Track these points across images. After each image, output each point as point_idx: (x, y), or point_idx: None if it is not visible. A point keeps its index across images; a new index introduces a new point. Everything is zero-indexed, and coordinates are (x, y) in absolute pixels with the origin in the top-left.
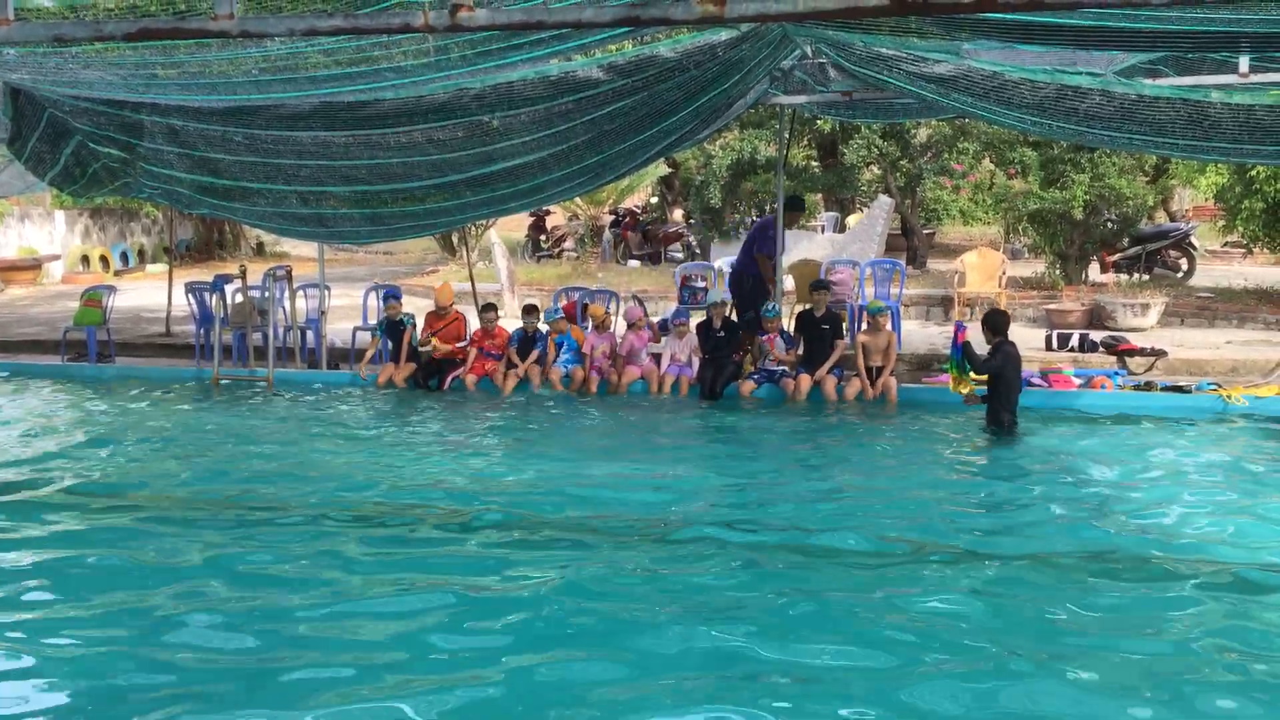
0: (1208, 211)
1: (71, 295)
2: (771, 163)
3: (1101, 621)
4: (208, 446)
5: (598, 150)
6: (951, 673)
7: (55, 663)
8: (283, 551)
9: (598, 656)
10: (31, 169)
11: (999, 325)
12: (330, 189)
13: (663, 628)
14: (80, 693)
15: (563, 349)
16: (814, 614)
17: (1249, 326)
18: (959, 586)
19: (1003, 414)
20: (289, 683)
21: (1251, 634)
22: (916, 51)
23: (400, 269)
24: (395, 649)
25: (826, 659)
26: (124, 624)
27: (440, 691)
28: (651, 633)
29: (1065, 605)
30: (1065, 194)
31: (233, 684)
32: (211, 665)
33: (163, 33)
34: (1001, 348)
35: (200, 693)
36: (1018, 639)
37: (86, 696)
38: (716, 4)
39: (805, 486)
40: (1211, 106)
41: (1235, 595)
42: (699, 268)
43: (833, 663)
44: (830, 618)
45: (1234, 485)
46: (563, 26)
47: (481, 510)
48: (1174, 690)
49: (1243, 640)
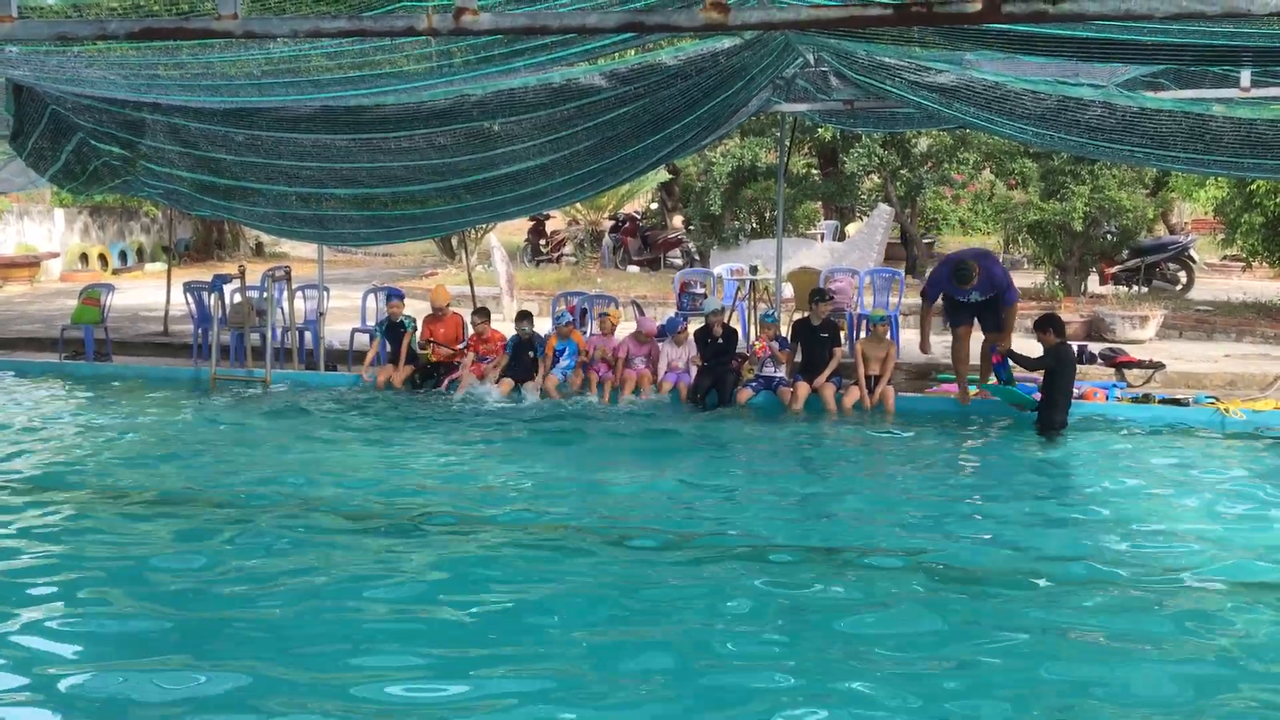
0: (1207, 225)
1: (69, 293)
2: (772, 170)
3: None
4: (202, 446)
5: (599, 156)
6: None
7: (45, 660)
8: (271, 550)
9: (575, 670)
10: (32, 165)
11: (1061, 327)
12: (331, 190)
13: (647, 638)
14: (77, 694)
15: (563, 354)
16: (796, 623)
17: (1247, 340)
18: (947, 597)
19: (1055, 415)
20: (270, 681)
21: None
22: (919, 61)
23: (399, 271)
24: (382, 652)
25: (812, 670)
26: (112, 620)
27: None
28: (637, 642)
29: (1052, 623)
30: (1065, 205)
31: (226, 685)
32: (203, 665)
33: (166, 32)
34: (1059, 350)
35: (197, 697)
36: (1000, 652)
37: (83, 698)
38: (720, 11)
39: (798, 494)
40: (1213, 120)
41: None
42: (698, 274)
43: (818, 678)
44: (820, 628)
45: (1229, 498)
46: (567, 31)
47: (470, 511)
48: None
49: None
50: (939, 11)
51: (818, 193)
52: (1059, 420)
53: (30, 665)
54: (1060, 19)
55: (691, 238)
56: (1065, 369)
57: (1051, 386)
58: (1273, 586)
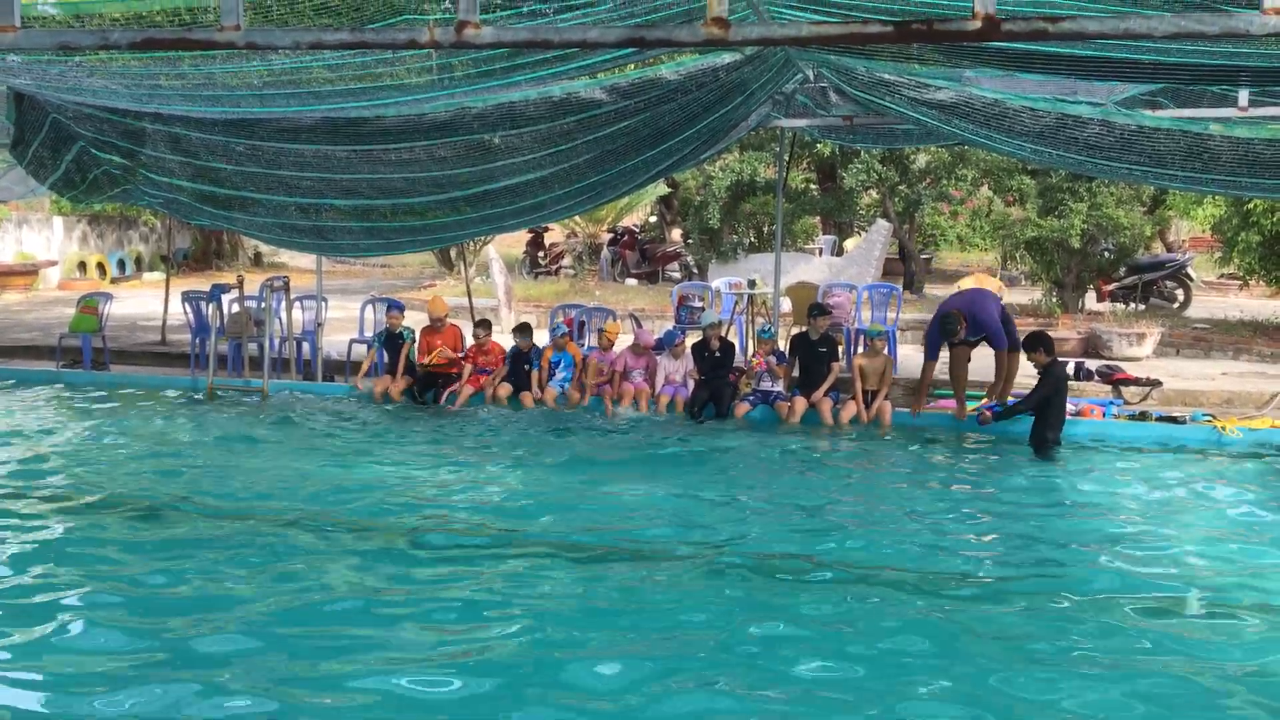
0: (1204, 243)
1: (67, 301)
2: (770, 185)
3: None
4: (197, 456)
5: (599, 170)
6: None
7: (26, 667)
8: (262, 561)
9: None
10: (32, 173)
11: (1050, 345)
12: (330, 201)
13: (636, 650)
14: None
15: (559, 367)
16: (786, 638)
17: (1244, 358)
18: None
19: (1048, 433)
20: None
21: None
22: (918, 77)
23: (398, 282)
24: (366, 661)
25: (794, 681)
26: (104, 628)
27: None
28: (624, 654)
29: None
30: (1063, 223)
31: (212, 696)
32: (184, 676)
33: (168, 43)
34: (1052, 370)
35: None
36: (986, 669)
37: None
38: (721, 27)
39: (792, 509)
40: (1211, 139)
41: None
42: (696, 288)
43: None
44: (806, 641)
45: (1226, 517)
46: (569, 46)
47: (466, 523)
48: None
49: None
50: (939, 29)
51: (816, 208)
52: (1052, 437)
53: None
54: (1060, 37)
55: (690, 251)
56: (1059, 388)
57: (1045, 404)
58: (1269, 608)
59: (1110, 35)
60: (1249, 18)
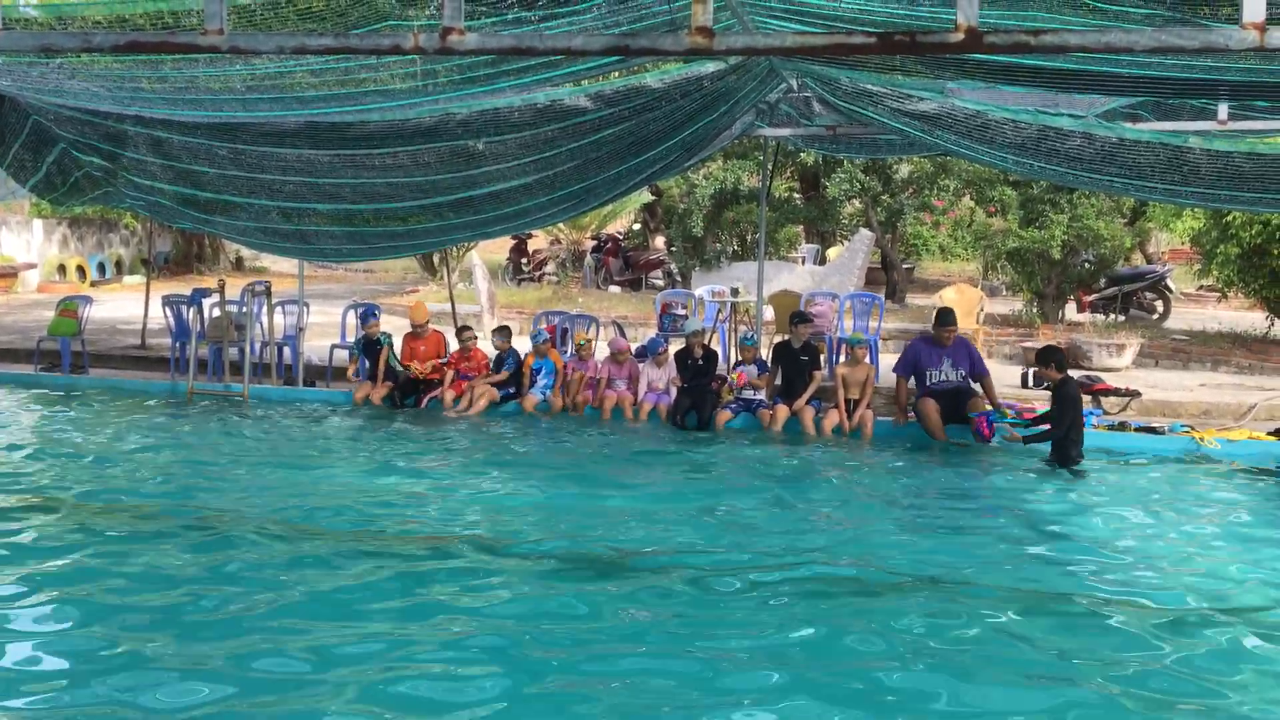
0: (1184, 255)
1: (47, 304)
2: (754, 193)
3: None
4: (175, 460)
5: (583, 177)
6: None
7: None
8: (239, 567)
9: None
10: (13, 175)
11: (1063, 362)
12: (313, 206)
13: (619, 659)
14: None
15: (540, 374)
16: (761, 647)
17: (1222, 370)
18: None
19: (1071, 450)
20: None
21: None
22: (901, 88)
23: (380, 288)
24: (345, 671)
25: (783, 692)
26: (77, 636)
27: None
28: (606, 663)
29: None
30: (1044, 234)
31: (191, 698)
32: (166, 679)
33: (151, 46)
34: (1065, 387)
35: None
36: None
37: None
38: (705, 36)
39: (772, 517)
40: (1190, 152)
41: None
42: (679, 295)
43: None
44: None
45: (1203, 526)
46: (553, 53)
47: (445, 532)
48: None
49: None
50: (922, 41)
51: (799, 216)
52: (1075, 454)
53: None
54: (1042, 50)
55: (673, 259)
56: (1073, 404)
57: (1063, 422)
58: (1248, 610)
59: (1092, 49)
60: (1228, 32)
